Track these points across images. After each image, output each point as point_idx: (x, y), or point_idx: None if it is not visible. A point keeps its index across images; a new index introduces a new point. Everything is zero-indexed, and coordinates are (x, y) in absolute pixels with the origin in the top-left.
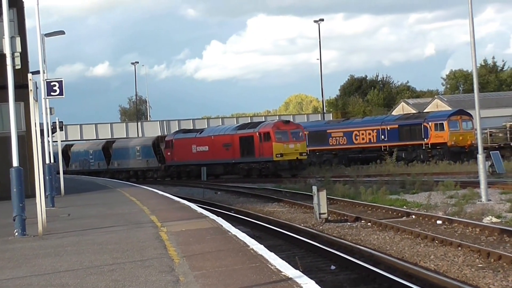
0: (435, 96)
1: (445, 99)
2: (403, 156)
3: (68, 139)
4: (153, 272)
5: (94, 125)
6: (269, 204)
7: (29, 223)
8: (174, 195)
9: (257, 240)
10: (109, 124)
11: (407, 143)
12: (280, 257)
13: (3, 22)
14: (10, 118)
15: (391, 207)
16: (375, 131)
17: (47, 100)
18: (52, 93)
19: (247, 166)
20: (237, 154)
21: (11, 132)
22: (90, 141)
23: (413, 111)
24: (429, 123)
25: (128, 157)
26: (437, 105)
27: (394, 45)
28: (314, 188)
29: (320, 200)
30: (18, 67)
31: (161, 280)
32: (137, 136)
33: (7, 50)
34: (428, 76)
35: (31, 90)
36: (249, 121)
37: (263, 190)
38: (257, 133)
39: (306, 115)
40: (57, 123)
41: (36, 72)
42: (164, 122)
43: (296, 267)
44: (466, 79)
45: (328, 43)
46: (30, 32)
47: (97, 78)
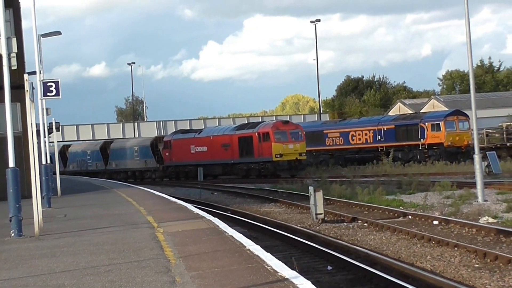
0: (432, 97)
1: (442, 100)
2: (399, 157)
3: (65, 140)
4: (149, 273)
5: (90, 125)
6: (265, 205)
7: (25, 224)
8: (170, 196)
9: (253, 240)
10: (106, 125)
11: (404, 143)
12: (276, 257)
13: None
14: (6, 119)
15: (388, 207)
16: (371, 131)
17: (43, 100)
18: (48, 94)
19: (246, 166)
20: (236, 155)
21: (7, 133)
22: (88, 141)
23: (410, 112)
24: (426, 123)
25: (126, 157)
26: (434, 106)
27: (390, 45)
28: (311, 188)
29: (317, 201)
30: (15, 67)
31: (157, 281)
32: (133, 136)
33: (3, 51)
34: (424, 76)
35: (27, 91)
36: (247, 122)
37: (260, 190)
38: (256, 133)
39: (302, 115)
40: (54, 123)
41: (33, 73)
42: (161, 122)
43: (293, 268)
44: (462, 80)
45: (324, 44)
46: (27, 32)
47: (94, 79)
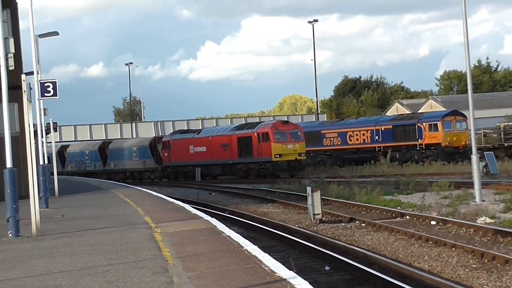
0: (429, 97)
1: (439, 100)
2: (397, 157)
3: (62, 140)
4: (147, 273)
5: (88, 126)
6: (263, 205)
7: (23, 224)
8: (168, 196)
9: (251, 241)
10: (103, 125)
11: (401, 143)
12: (274, 258)
13: None
14: (3, 119)
15: (385, 207)
16: (369, 131)
17: (41, 101)
18: (46, 94)
19: (245, 166)
20: (235, 155)
21: (5, 133)
22: (86, 141)
23: (407, 112)
24: (423, 123)
25: (124, 157)
26: (431, 106)
27: (388, 45)
28: (308, 188)
29: (314, 201)
30: (12, 68)
31: (155, 281)
32: (131, 137)
33: (0, 51)
34: (422, 76)
35: (24, 91)
36: (244, 122)
37: (258, 191)
38: (256, 133)
39: (300, 115)
40: (51, 124)
41: (30, 73)
42: (159, 123)
43: (290, 268)
44: (460, 80)
45: (322, 44)
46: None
47: (91, 79)
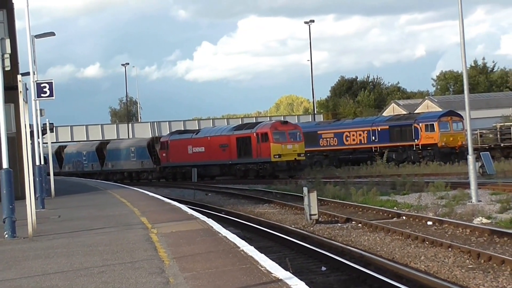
0: (426, 97)
1: (436, 100)
2: (393, 157)
3: (59, 141)
4: (143, 274)
5: (84, 126)
6: (260, 205)
7: (19, 225)
8: (164, 197)
9: (247, 241)
10: (100, 126)
11: (398, 144)
12: (270, 258)
13: None
14: (0, 120)
15: (382, 208)
16: (365, 132)
17: (37, 101)
18: (42, 95)
19: (244, 167)
20: (234, 155)
21: (1, 134)
22: (84, 142)
23: (404, 112)
24: (420, 124)
25: (122, 158)
26: (428, 106)
27: (384, 46)
28: (305, 189)
29: (311, 201)
30: (8, 68)
31: (151, 282)
32: (127, 137)
33: None
34: (418, 77)
35: (21, 92)
36: (241, 122)
37: (254, 191)
38: (255, 133)
39: (297, 116)
40: (47, 124)
41: (26, 74)
42: (155, 123)
43: (287, 269)
44: (456, 80)
45: (319, 44)
46: (21, 33)
47: (88, 80)
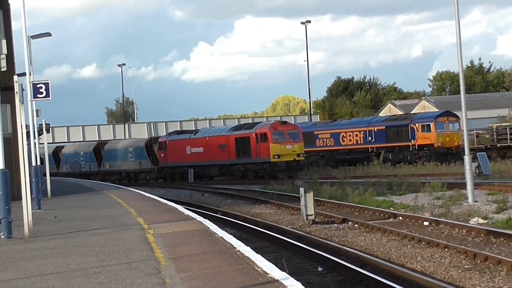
0: (422, 98)
1: (432, 101)
2: (390, 158)
3: (55, 141)
4: (139, 274)
5: (81, 127)
6: (256, 206)
7: (15, 226)
8: (161, 197)
9: (244, 242)
10: (96, 126)
11: (394, 144)
12: (267, 258)
13: None
14: None
15: (378, 208)
16: (362, 132)
17: (33, 102)
18: (38, 95)
19: (243, 167)
20: (232, 155)
21: None
22: (81, 142)
23: (400, 113)
24: (416, 124)
25: (120, 158)
26: (424, 107)
27: (381, 46)
28: (301, 189)
29: (307, 202)
30: (4, 69)
31: (147, 283)
32: (124, 138)
33: None
34: (415, 77)
35: (17, 92)
36: (237, 123)
37: (251, 192)
38: (254, 134)
39: (293, 116)
40: (44, 125)
41: (23, 74)
42: (151, 123)
43: (283, 269)
44: (452, 81)
45: (315, 45)
46: (17, 33)
47: (84, 80)
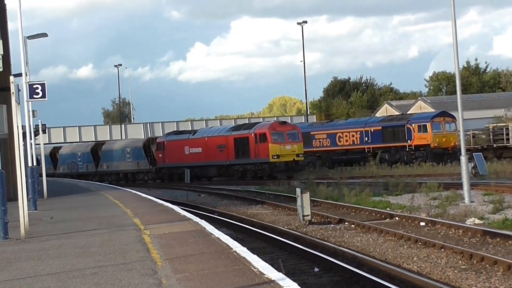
0: (418, 98)
1: (428, 101)
2: (386, 158)
3: (52, 142)
4: (135, 275)
5: (77, 127)
6: (252, 206)
7: (11, 227)
8: (157, 198)
9: (240, 242)
10: (93, 127)
11: (391, 144)
12: (263, 259)
13: None
14: None
15: (375, 209)
16: (358, 133)
17: (29, 102)
18: (34, 96)
19: (242, 167)
20: (231, 156)
21: None
22: (79, 143)
23: (397, 113)
24: (412, 124)
25: (117, 159)
26: (420, 107)
27: (377, 47)
28: (298, 190)
29: (304, 202)
30: (0, 69)
31: (143, 283)
32: (120, 138)
33: None
34: (411, 78)
35: (13, 93)
36: (234, 123)
37: (247, 192)
38: (253, 134)
39: (289, 117)
40: (40, 125)
41: (19, 75)
42: (148, 124)
43: (279, 270)
44: (449, 81)
45: (311, 45)
46: (13, 34)
47: (81, 81)
